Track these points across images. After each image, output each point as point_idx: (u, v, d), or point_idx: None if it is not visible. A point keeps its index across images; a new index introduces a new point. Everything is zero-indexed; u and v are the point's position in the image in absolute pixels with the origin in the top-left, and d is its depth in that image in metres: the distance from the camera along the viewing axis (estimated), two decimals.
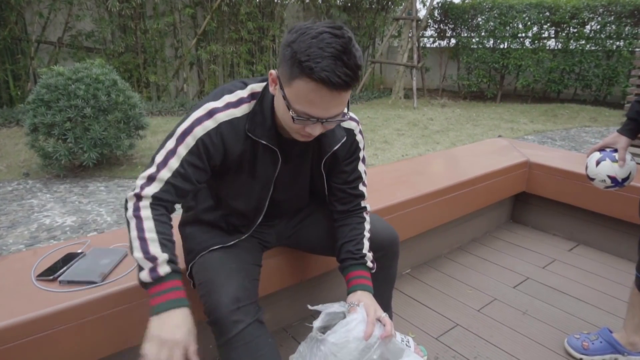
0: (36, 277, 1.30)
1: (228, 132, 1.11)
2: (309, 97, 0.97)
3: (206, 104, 1.11)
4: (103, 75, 3.61)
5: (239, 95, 1.14)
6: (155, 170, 1.08)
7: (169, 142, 1.10)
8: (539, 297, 2.03)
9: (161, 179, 1.08)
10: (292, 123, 1.03)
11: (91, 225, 2.85)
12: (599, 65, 7.41)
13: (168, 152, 1.09)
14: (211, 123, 1.09)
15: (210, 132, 1.09)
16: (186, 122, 1.10)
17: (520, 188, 2.64)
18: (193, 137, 1.08)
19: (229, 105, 1.12)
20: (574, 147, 5.11)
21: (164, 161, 1.09)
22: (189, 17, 6.90)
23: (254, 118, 1.13)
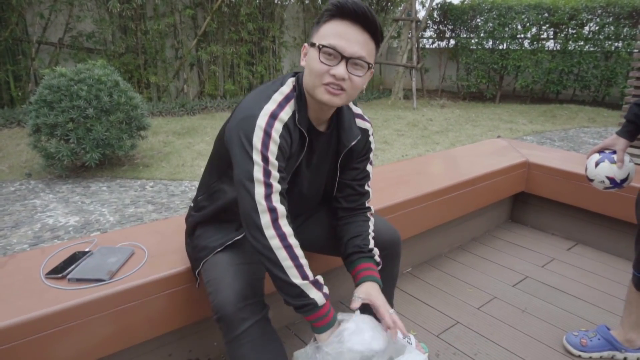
0: (45, 275, 1.32)
1: (292, 127, 1.15)
2: (335, 31, 1.08)
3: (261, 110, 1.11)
4: (105, 76, 3.64)
5: (284, 92, 1.18)
6: (266, 188, 1.09)
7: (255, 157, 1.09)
8: (538, 296, 2.05)
9: (277, 191, 1.11)
10: (319, 66, 1.08)
11: (94, 225, 2.87)
12: (598, 66, 7.45)
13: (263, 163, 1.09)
14: (279, 125, 1.12)
15: (282, 133, 1.12)
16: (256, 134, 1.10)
17: (520, 188, 2.67)
18: (274, 143, 1.11)
19: (281, 103, 1.16)
20: (572, 148, 5.15)
21: (266, 175, 1.09)
22: (189, 18, 6.92)
23: (299, 104, 1.17)
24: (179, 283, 1.40)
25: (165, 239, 1.59)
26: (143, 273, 1.36)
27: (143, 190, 3.55)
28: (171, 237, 1.59)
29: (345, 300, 2.01)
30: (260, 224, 1.08)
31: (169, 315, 1.41)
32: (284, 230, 1.10)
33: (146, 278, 1.34)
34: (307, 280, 1.11)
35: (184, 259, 1.45)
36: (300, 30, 8.20)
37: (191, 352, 1.60)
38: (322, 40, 1.09)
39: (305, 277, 1.11)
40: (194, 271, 1.34)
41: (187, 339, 1.57)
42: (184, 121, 5.96)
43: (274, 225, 1.09)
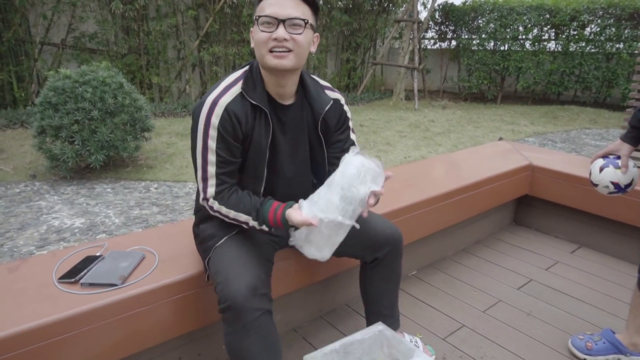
0: (58, 279, 1.33)
1: (236, 108, 1.24)
2: (268, 2, 1.18)
3: (206, 99, 1.24)
4: (109, 78, 3.65)
5: (234, 76, 1.29)
6: (202, 171, 1.26)
7: (198, 144, 1.25)
8: (543, 299, 2.07)
9: (211, 175, 1.26)
10: (260, 35, 1.18)
11: (100, 227, 2.89)
12: (599, 68, 7.47)
13: (202, 151, 1.25)
14: (219, 109, 1.22)
15: (222, 117, 1.22)
16: (200, 122, 1.23)
17: (523, 191, 2.69)
18: (213, 128, 1.22)
19: (226, 87, 1.26)
20: (574, 149, 5.16)
21: (203, 160, 1.25)
22: (191, 18, 6.93)
23: (247, 82, 1.27)
24: (190, 287, 1.42)
25: (175, 243, 1.61)
26: (154, 278, 1.38)
27: (147, 191, 3.56)
28: (181, 241, 1.61)
29: (351, 303, 2.02)
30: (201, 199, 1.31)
31: (179, 319, 1.42)
32: (209, 204, 1.29)
33: (157, 283, 1.35)
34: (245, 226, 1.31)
35: (193, 263, 1.47)
36: None
37: (200, 355, 1.61)
38: (258, 13, 1.20)
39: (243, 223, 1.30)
40: (203, 261, 1.37)
41: (196, 342, 1.59)
42: (186, 122, 5.97)
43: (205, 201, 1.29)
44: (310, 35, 1.26)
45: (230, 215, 1.28)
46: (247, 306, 1.16)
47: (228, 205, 1.28)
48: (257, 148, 1.30)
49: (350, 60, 8.81)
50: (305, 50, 1.25)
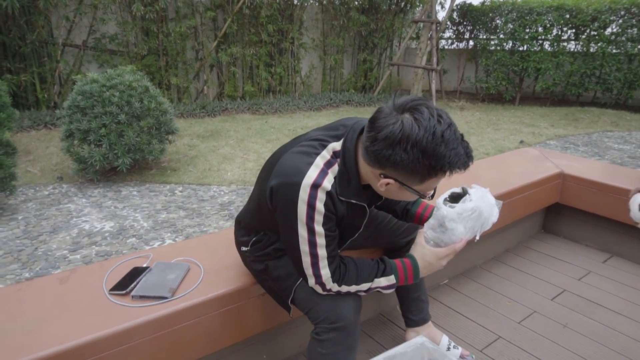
0: (109, 291, 1.36)
1: (334, 193, 1.16)
2: (439, 182, 1.14)
3: (304, 178, 1.12)
4: (136, 82, 3.69)
5: (327, 157, 1.18)
6: (312, 257, 1.19)
7: (301, 230, 1.16)
8: (578, 310, 2.05)
9: (322, 257, 1.20)
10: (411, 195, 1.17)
11: (129, 231, 2.92)
12: (621, 69, 7.35)
13: (308, 239, 1.17)
14: (322, 194, 1.13)
15: (326, 200, 1.14)
16: (300, 207, 1.13)
17: (554, 199, 2.67)
18: (319, 213, 1.14)
19: (323, 170, 1.15)
20: (597, 153, 5.10)
21: (311, 246, 1.18)
22: (210, 20, 6.97)
23: (342, 180, 1.18)
24: (235, 301, 1.43)
25: (217, 253, 1.62)
26: (201, 290, 1.40)
27: (173, 195, 3.60)
28: (223, 252, 1.63)
29: (385, 312, 2.03)
30: (311, 283, 1.25)
31: (224, 331, 1.44)
32: (326, 287, 1.24)
33: (205, 296, 1.37)
34: (369, 283, 1.28)
35: (238, 275, 1.48)
36: (319, 32, 8.21)
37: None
38: (425, 189, 1.14)
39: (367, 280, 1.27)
40: (284, 302, 1.37)
41: (239, 352, 1.61)
42: (206, 123, 6.02)
43: (318, 285, 1.24)
44: None
45: (352, 290, 1.26)
46: (356, 324, 1.27)
47: (348, 281, 1.25)
48: (350, 232, 1.34)
49: (367, 61, 8.79)
50: None
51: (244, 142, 5.13)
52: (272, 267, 1.38)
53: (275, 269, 1.37)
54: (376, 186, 1.17)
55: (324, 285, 1.22)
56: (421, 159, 1.03)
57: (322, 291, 1.25)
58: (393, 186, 1.13)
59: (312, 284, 1.24)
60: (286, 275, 1.34)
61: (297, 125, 6.04)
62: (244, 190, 3.71)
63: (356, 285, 1.25)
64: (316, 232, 1.16)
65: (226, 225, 3.06)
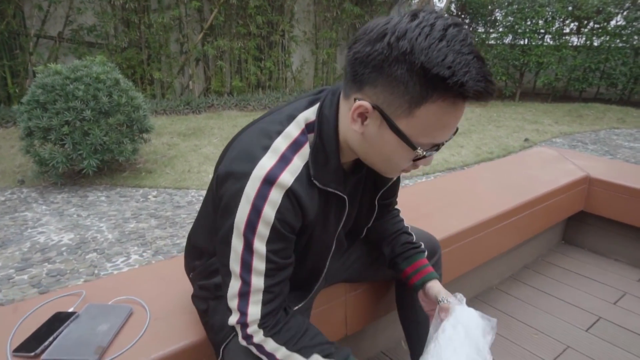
0: (13, 352, 0.99)
1: (301, 190, 0.80)
2: (443, 121, 0.73)
3: (251, 170, 0.78)
4: (104, 74, 3.30)
5: (293, 136, 0.82)
6: (242, 284, 0.82)
7: (235, 240, 0.81)
8: (619, 344, 1.71)
9: (256, 289, 0.82)
10: (406, 164, 0.81)
11: (90, 245, 2.54)
12: (626, 63, 7.05)
13: (242, 256, 0.81)
14: (276, 194, 0.78)
15: (281, 205, 0.78)
16: (241, 207, 0.78)
17: (579, 207, 2.32)
18: (265, 223, 0.78)
19: (284, 157, 0.80)
20: (607, 152, 4.78)
21: (244, 267, 0.81)
22: (195, 10, 6.57)
23: (316, 159, 0.82)
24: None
25: (171, 288, 1.25)
26: (144, 347, 1.03)
27: (145, 200, 3.21)
28: (178, 285, 1.25)
29: (387, 350, 1.67)
30: (232, 321, 0.85)
31: None
32: (247, 332, 0.84)
33: (148, 358, 1.00)
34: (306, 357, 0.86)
35: (196, 321, 1.11)
36: (310, 24, 7.82)
37: None
38: (420, 132, 0.74)
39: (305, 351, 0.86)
40: (215, 349, 0.99)
41: None
42: (189, 120, 5.63)
43: (240, 326, 0.84)
44: None
45: (277, 355, 0.84)
46: None
47: (280, 338, 0.85)
48: (322, 240, 0.93)
49: None
50: None
51: (228, 140, 4.74)
52: (212, 310, 1.00)
53: (213, 314, 0.99)
54: (352, 137, 0.81)
55: (245, 327, 0.83)
56: (409, 56, 0.67)
57: (240, 338, 0.86)
58: (371, 124, 0.76)
59: (232, 322, 0.85)
60: (220, 326, 0.96)
61: None
62: None
63: (287, 350, 0.84)
64: (254, 251, 0.80)
65: None
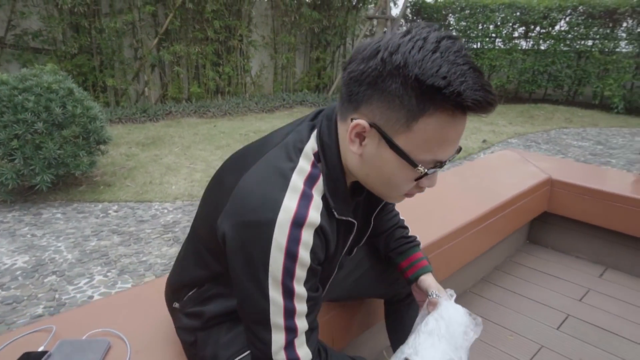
0: None
1: (326, 225, 0.78)
2: (444, 135, 0.71)
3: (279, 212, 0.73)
4: (56, 84, 3.11)
5: (307, 170, 0.79)
6: (288, 332, 0.78)
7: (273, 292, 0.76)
8: (589, 341, 1.78)
9: (302, 331, 0.79)
10: (408, 186, 0.78)
11: (48, 267, 2.39)
12: (571, 66, 7.44)
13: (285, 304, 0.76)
14: (307, 235, 0.75)
15: (314, 245, 0.75)
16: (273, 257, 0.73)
17: (542, 208, 2.41)
18: (302, 266, 0.75)
19: (305, 192, 0.77)
20: (559, 151, 5.02)
21: (289, 316, 0.77)
22: (149, 15, 6.35)
23: (330, 188, 0.80)
24: None
25: (151, 316, 1.18)
26: None
27: (106, 216, 3.06)
28: (158, 312, 1.19)
29: None
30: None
31: None
32: None
33: None
34: None
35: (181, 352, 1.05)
36: (269, 29, 7.75)
37: None
38: (421, 148, 0.72)
39: None
40: None
41: None
42: (147, 129, 5.43)
43: None
44: None
45: None
46: None
47: None
48: (330, 264, 0.89)
49: (321, 60, 8.43)
50: None
51: (190, 149, 4.61)
52: (201, 342, 0.94)
53: (203, 346, 0.93)
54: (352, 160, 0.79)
55: None
56: (403, 69, 0.66)
57: None
58: (369, 144, 0.74)
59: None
60: (212, 357, 0.91)
61: (249, 129, 5.58)
62: (191, 207, 3.23)
63: None
64: (296, 295, 0.76)
65: (170, 252, 2.59)
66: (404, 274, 1.19)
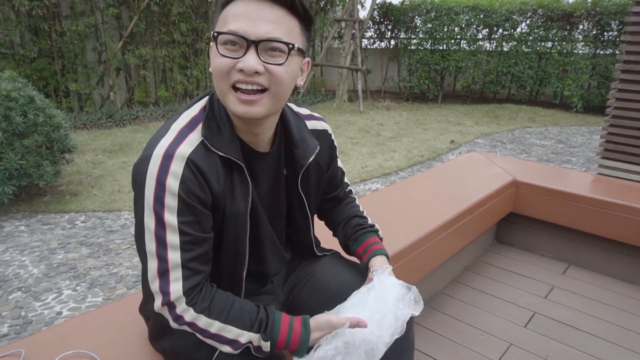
0: None
1: (200, 159, 0.86)
2: (234, 12, 0.81)
3: (152, 151, 0.84)
4: (15, 92, 3.00)
5: (189, 115, 0.91)
6: (159, 261, 0.84)
7: (147, 219, 0.85)
8: (554, 337, 1.86)
9: (175, 264, 0.84)
10: (220, 61, 0.82)
11: (13, 283, 2.30)
12: (532, 67, 7.71)
13: (155, 232, 0.84)
14: (177, 166, 0.83)
15: (184, 175, 0.83)
16: (147, 188, 0.83)
17: (509, 209, 2.50)
18: (171, 195, 0.83)
19: (182, 132, 0.87)
20: (524, 150, 5.19)
21: (159, 244, 0.84)
22: (113, 17, 6.20)
23: (210, 126, 0.89)
24: None
25: (125, 333, 1.16)
26: None
27: (73, 227, 2.97)
28: (132, 329, 1.17)
29: None
30: (157, 306, 0.86)
31: None
32: (176, 312, 0.86)
33: None
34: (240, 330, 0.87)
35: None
36: None
37: None
38: (220, 27, 0.84)
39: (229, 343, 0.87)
40: None
41: None
42: (113, 135, 5.30)
43: (166, 307, 0.86)
44: (298, 63, 0.90)
45: (212, 330, 0.86)
46: None
47: (211, 312, 0.86)
48: (234, 217, 0.92)
49: None
50: (289, 86, 0.88)
51: None
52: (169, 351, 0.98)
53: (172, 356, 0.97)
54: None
55: (173, 308, 0.85)
56: None
57: (172, 321, 0.86)
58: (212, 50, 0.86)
59: (157, 307, 0.86)
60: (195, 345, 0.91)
61: None
62: None
63: (220, 323, 0.86)
64: (166, 225, 0.83)
65: None
66: (360, 260, 1.17)
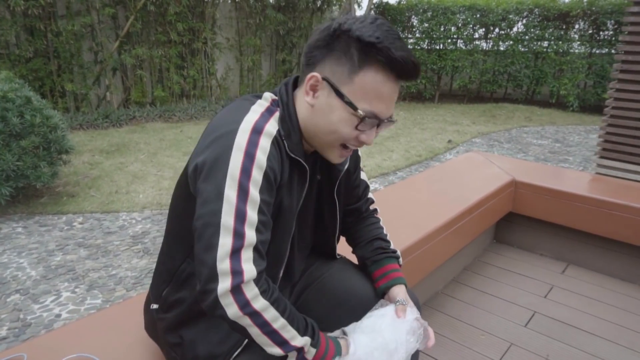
0: None
1: (282, 143, 0.89)
2: (378, 91, 0.85)
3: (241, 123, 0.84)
4: (12, 92, 2.98)
5: (265, 105, 0.92)
6: (235, 238, 0.78)
7: (228, 191, 0.79)
8: (555, 336, 1.86)
9: (249, 244, 0.79)
10: (350, 131, 0.87)
11: (11, 285, 2.29)
12: (529, 66, 7.73)
13: (237, 204, 0.79)
14: (265, 141, 0.84)
15: (270, 152, 0.84)
16: (234, 157, 0.80)
17: (508, 209, 2.50)
18: (258, 168, 0.81)
19: (264, 114, 0.89)
20: (521, 150, 5.21)
21: (239, 219, 0.78)
22: (109, 17, 6.16)
23: (284, 124, 0.90)
24: None
25: (127, 336, 1.16)
26: None
27: (71, 228, 2.96)
28: (134, 332, 1.16)
29: None
30: (223, 289, 0.76)
31: None
32: (246, 297, 0.78)
33: None
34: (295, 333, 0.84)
35: None
36: (233, 31, 7.67)
37: None
38: (361, 97, 0.85)
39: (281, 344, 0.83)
40: None
41: None
42: (110, 135, 5.28)
43: (234, 291, 0.77)
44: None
45: (275, 325, 0.81)
46: None
47: (279, 305, 0.82)
48: (285, 216, 0.92)
49: (287, 61, 8.42)
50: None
51: (157, 156, 4.51)
52: (189, 342, 0.94)
53: (192, 346, 0.94)
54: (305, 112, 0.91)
55: (241, 293, 0.77)
56: (348, 32, 0.83)
57: (236, 308, 0.77)
58: (321, 95, 0.87)
59: (222, 291, 0.76)
60: (207, 356, 0.91)
61: None
62: (160, 216, 3.17)
63: (284, 320, 0.82)
64: (249, 198, 0.80)
65: (141, 264, 2.53)
66: (375, 283, 1.16)
